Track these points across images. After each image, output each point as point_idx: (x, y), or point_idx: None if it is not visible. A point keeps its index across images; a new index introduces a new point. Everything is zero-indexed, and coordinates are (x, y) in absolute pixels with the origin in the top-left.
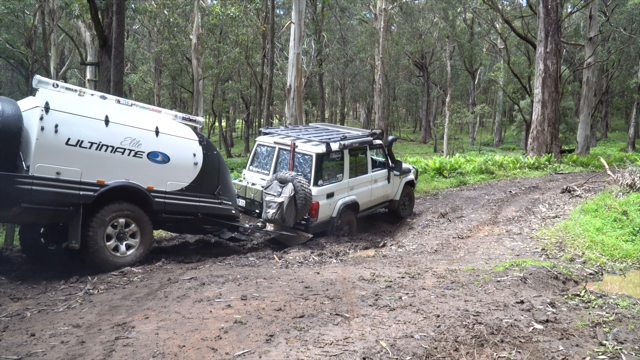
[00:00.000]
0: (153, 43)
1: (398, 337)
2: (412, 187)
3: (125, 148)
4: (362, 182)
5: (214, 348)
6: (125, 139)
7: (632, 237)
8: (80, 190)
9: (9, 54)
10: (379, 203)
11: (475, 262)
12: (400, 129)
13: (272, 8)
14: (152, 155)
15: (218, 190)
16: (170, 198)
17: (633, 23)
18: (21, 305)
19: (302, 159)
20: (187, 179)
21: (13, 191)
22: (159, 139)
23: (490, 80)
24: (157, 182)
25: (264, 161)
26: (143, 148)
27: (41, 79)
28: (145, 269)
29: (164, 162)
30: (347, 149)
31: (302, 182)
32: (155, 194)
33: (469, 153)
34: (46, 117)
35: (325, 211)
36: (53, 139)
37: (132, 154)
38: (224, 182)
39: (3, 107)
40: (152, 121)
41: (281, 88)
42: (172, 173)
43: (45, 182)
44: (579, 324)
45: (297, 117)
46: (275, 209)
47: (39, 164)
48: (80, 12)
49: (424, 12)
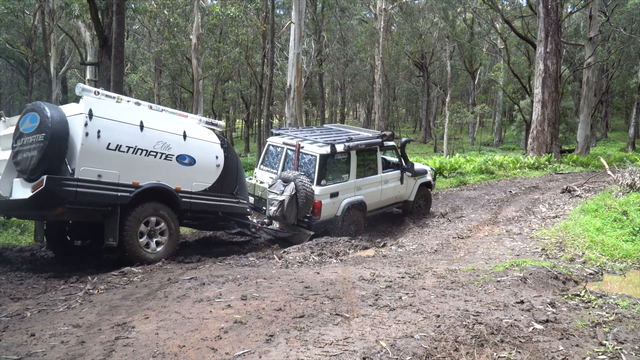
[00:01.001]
0: (153, 43)
1: (398, 337)
2: (428, 188)
3: (157, 151)
4: (371, 182)
5: (214, 348)
6: (157, 143)
7: (632, 237)
8: (118, 192)
9: (9, 54)
10: (392, 204)
11: (475, 262)
12: (400, 129)
13: (272, 8)
14: (181, 158)
15: (236, 190)
16: (196, 198)
17: (633, 23)
18: (21, 305)
19: (307, 159)
20: (210, 180)
21: (60, 193)
22: (187, 143)
23: (490, 80)
24: (184, 183)
25: (273, 161)
26: (172, 151)
27: (84, 87)
28: (145, 269)
29: (191, 165)
30: (353, 150)
31: (303, 182)
32: (182, 194)
33: (469, 153)
34: (90, 124)
35: (328, 210)
36: (96, 144)
37: (163, 157)
38: (241, 182)
39: (52, 114)
40: (180, 126)
41: (281, 88)
42: (198, 174)
43: (88, 184)
44: (579, 324)
45: (297, 117)
46: (276, 206)
47: (83, 167)
48: (80, 12)
49: (424, 12)
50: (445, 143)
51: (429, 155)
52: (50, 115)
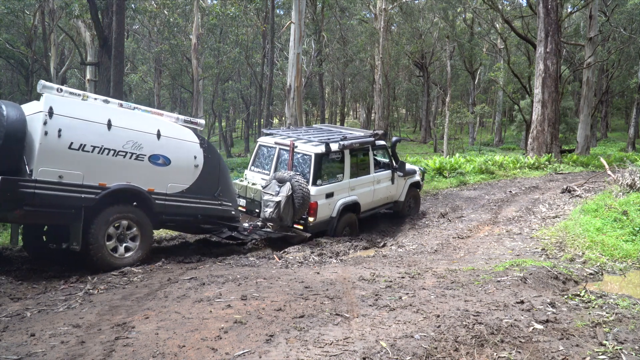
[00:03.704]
0: (153, 43)
1: (398, 337)
2: (418, 189)
3: (127, 151)
4: (364, 182)
5: (214, 348)
6: (127, 143)
7: (632, 237)
8: (82, 194)
9: (9, 54)
10: (383, 204)
11: (475, 262)
12: (400, 129)
13: (272, 8)
14: (154, 158)
15: (218, 192)
16: (171, 200)
17: (633, 23)
18: (21, 305)
19: (302, 159)
20: (187, 181)
21: (16, 194)
22: (161, 142)
23: (490, 80)
24: (158, 184)
25: (265, 161)
26: (145, 151)
27: (45, 84)
28: (145, 269)
29: (165, 165)
30: (347, 149)
31: (300, 182)
32: (156, 196)
33: (469, 153)
34: (50, 122)
35: (324, 211)
36: (56, 143)
37: (134, 157)
38: (224, 183)
39: (8, 112)
40: (153, 124)
41: (281, 88)
42: (173, 175)
43: (47, 185)
44: (579, 324)
45: (297, 117)
46: (272, 207)
47: (42, 167)
48: (80, 12)
49: (424, 12)
50: (445, 143)
51: (429, 155)
52: (7, 113)
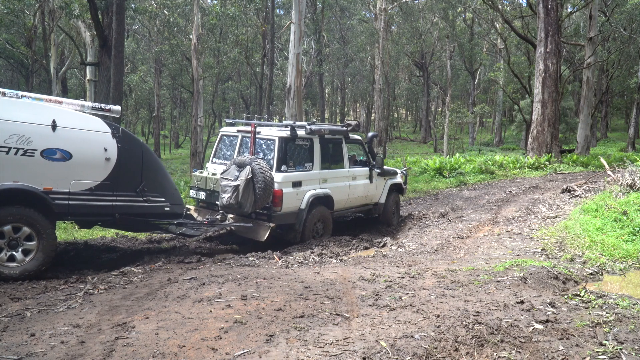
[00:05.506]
0: (153, 43)
1: (398, 337)
2: (399, 194)
3: (11, 147)
4: (337, 176)
5: (214, 348)
6: (10, 137)
7: (632, 237)
8: None
9: (9, 54)
10: (361, 205)
11: (475, 262)
12: (400, 129)
13: (272, 8)
14: (48, 153)
15: (142, 186)
16: (76, 199)
17: (633, 23)
18: (21, 305)
19: (265, 144)
20: (97, 177)
21: None
22: (57, 134)
23: (490, 80)
24: (58, 182)
25: (227, 152)
26: (35, 145)
27: None
28: (145, 269)
29: (65, 160)
30: (316, 135)
31: (261, 165)
32: (55, 195)
33: (469, 153)
34: None
35: (291, 201)
36: None
37: (21, 153)
38: (151, 177)
39: None
40: (47, 114)
41: (281, 88)
42: (77, 171)
43: None
44: (579, 324)
45: (297, 117)
46: (230, 192)
47: None
48: (80, 12)
49: (424, 12)
50: (445, 143)
51: (429, 155)
52: None
